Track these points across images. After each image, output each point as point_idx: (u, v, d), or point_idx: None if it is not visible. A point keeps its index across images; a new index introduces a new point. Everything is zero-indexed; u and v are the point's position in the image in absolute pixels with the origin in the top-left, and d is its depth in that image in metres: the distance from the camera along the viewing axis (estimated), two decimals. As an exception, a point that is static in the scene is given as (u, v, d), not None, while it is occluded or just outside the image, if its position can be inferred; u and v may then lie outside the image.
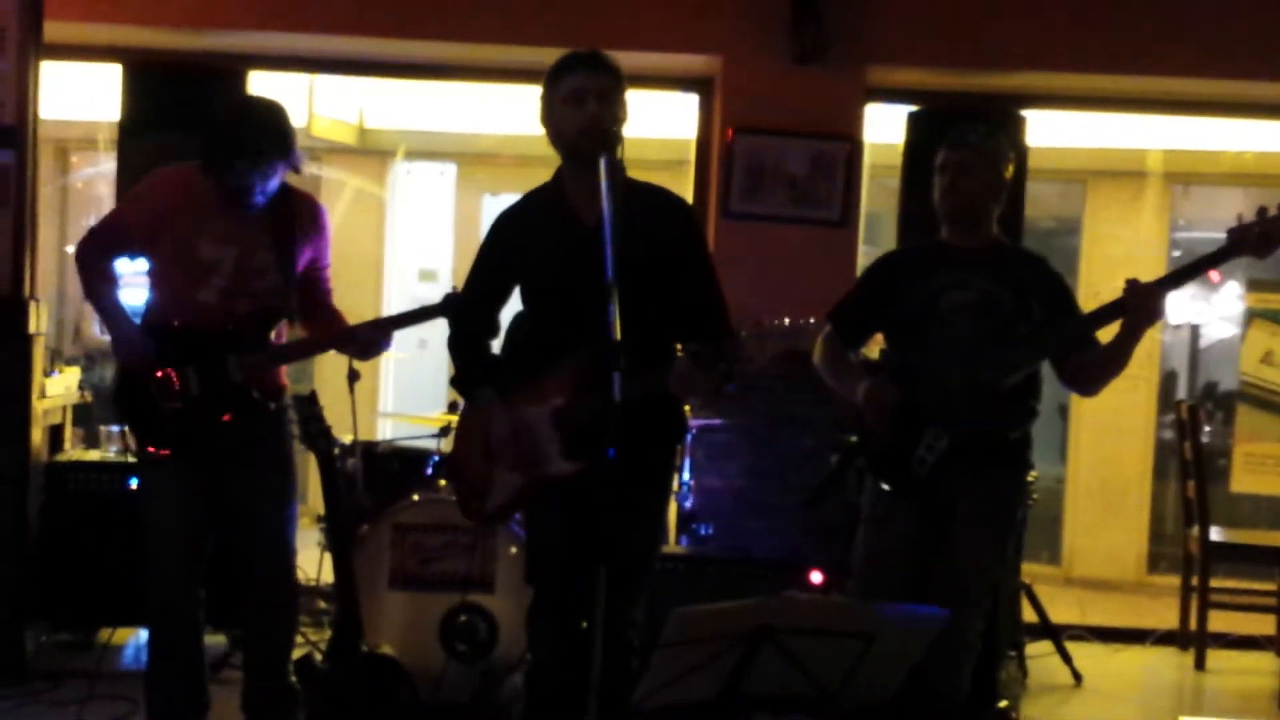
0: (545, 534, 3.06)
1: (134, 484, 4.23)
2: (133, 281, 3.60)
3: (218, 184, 3.22)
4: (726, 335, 2.97)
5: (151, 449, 3.29)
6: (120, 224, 3.38)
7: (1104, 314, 3.16)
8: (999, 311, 3.25)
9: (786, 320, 2.73)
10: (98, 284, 3.36)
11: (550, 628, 3.06)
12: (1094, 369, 3.26)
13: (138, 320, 3.37)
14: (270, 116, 3.24)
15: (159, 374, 3.24)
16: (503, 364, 3.11)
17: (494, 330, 3.15)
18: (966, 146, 3.31)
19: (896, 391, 3.23)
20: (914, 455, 3.23)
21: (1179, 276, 3.16)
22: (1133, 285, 3.08)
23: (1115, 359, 3.19)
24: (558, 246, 2.96)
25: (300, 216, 3.37)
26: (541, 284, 3.02)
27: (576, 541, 3.01)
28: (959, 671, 3.30)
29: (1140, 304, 3.07)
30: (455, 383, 3.14)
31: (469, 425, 3.12)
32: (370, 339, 3.36)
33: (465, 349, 3.11)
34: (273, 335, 3.34)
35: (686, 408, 4.19)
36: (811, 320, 2.77)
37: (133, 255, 3.44)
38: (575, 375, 2.90)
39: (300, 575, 3.93)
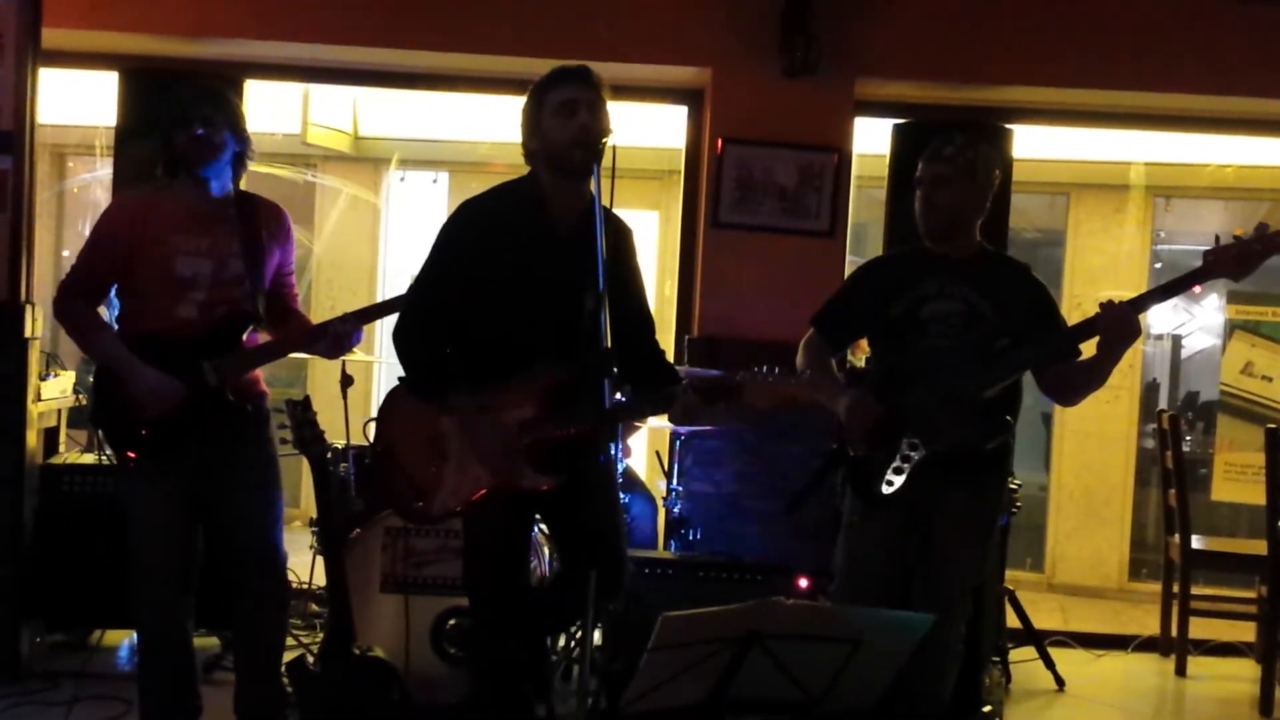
0: (497, 542, 3.06)
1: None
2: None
3: (176, 160, 3.24)
4: (661, 357, 3.09)
5: (131, 456, 3.27)
6: (94, 267, 3.28)
7: (1080, 331, 3.19)
8: (981, 322, 3.28)
9: (778, 369, 2.79)
10: (93, 335, 3.28)
11: (503, 631, 3.07)
12: (1074, 382, 3.29)
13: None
14: (204, 83, 3.37)
15: (143, 431, 3.21)
16: (459, 365, 3.03)
17: (451, 325, 3.04)
18: (941, 160, 3.33)
19: (876, 409, 3.27)
20: (886, 471, 3.25)
21: (1153, 296, 3.18)
22: (1107, 307, 3.10)
23: (1094, 376, 3.22)
24: (532, 249, 2.97)
25: (267, 223, 3.38)
26: (509, 285, 2.98)
27: (523, 541, 3.06)
28: (943, 677, 3.34)
29: (1115, 324, 3.09)
30: (412, 383, 3.04)
31: (410, 421, 3.07)
32: (340, 333, 3.31)
33: (427, 347, 3.02)
34: (244, 339, 3.33)
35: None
36: (807, 373, 2.83)
37: (109, 294, 3.35)
38: (544, 389, 2.93)
39: (293, 578, 3.96)
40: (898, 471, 3.25)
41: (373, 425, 3.22)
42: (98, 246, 3.30)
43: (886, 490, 3.25)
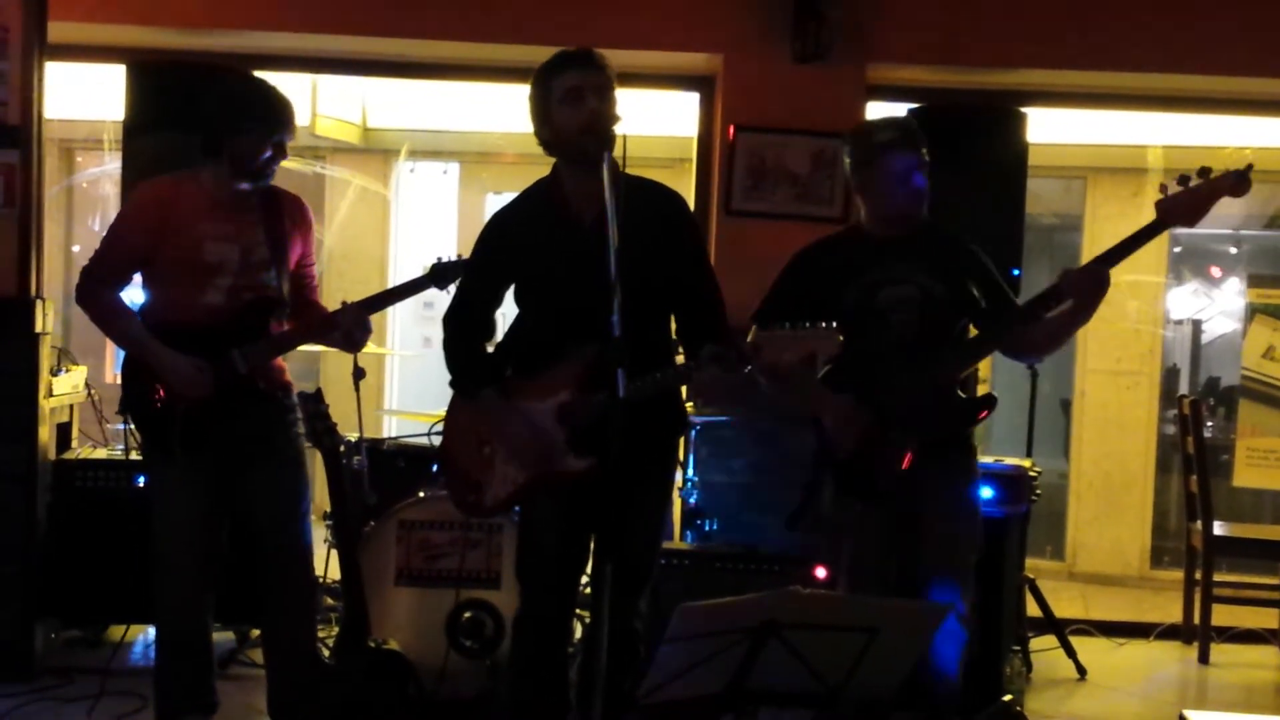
0: (541, 531, 3.07)
1: (141, 481, 4.25)
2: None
3: (226, 162, 3.22)
4: (723, 327, 3.00)
5: (160, 449, 3.27)
6: (118, 251, 3.29)
7: (1046, 298, 3.17)
8: (937, 306, 3.27)
9: (807, 324, 2.74)
10: (116, 320, 3.28)
11: (538, 624, 3.08)
12: (1040, 341, 3.30)
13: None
14: (278, 92, 3.32)
15: (157, 403, 3.20)
16: (500, 361, 3.11)
17: (490, 330, 3.14)
18: (911, 147, 3.29)
19: (863, 413, 3.24)
20: (880, 464, 3.24)
21: (1115, 253, 3.15)
22: (1065, 275, 3.13)
23: (1066, 331, 3.25)
24: (556, 244, 2.97)
25: (290, 212, 3.39)
26: (540, 281, 3.02)
27: (576, 537, 3.04)
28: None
29: (1079, 286, 3.10)
30: (453, 384, 3.13)
31: (460, 419, 3.13)
32: (348, 325, 3.32)
33: (462, 349, 3.09)
34: (271, 326, 3.33)
35: (689, 405, 4.24)
36: (823, 324, 2.77)
37: (131, 281, 3.35)
38: (579, 371, 2.92)
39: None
40: (890, 470, 3.22)
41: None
42: (124, 230, 3.30)
43: (886, 481, 3.24)
